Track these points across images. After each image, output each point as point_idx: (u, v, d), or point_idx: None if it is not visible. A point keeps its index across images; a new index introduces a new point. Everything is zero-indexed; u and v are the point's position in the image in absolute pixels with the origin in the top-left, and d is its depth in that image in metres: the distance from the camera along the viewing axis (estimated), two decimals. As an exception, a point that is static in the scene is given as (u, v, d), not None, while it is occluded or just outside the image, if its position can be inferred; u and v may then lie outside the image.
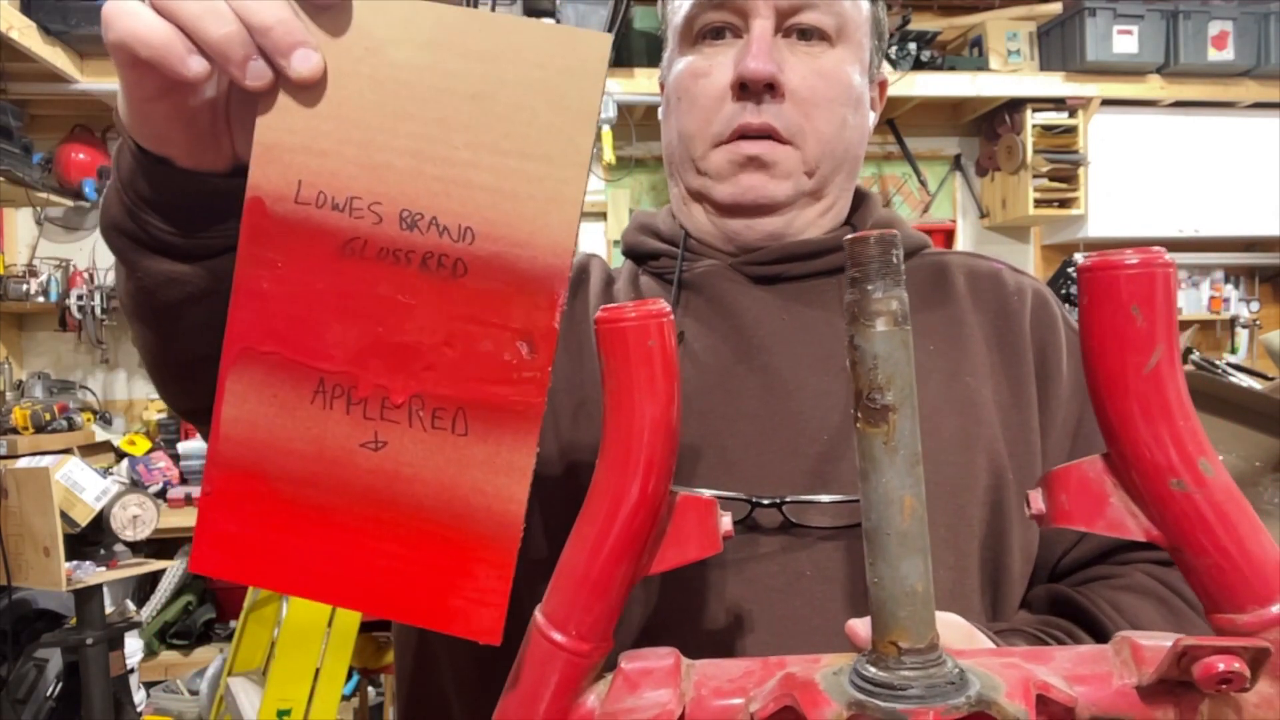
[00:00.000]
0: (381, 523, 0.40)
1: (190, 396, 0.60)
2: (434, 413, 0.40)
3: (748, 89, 0.68)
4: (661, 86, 0.80)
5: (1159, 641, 0.38)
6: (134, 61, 0.40)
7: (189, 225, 0.50)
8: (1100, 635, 0.63)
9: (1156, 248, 0.36)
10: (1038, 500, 0.40)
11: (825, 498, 0.63)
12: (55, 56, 2.72)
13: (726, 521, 0.43)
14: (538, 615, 0.43)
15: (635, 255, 0.81)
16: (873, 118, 0.79)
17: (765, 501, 0.62)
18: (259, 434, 0.41)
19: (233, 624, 2.63)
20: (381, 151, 0.40)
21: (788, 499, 0.62)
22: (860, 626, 0.44)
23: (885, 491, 0.37)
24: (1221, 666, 0.34)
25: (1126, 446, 0.37)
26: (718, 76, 0.70)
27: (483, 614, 0.39)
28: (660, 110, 0.80)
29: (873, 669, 0.37)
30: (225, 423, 0.41)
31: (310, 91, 0.40)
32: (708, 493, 0.43)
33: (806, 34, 0.70)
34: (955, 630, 0.53)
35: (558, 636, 0.41)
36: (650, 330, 0.39)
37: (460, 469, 0.40)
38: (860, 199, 0.81)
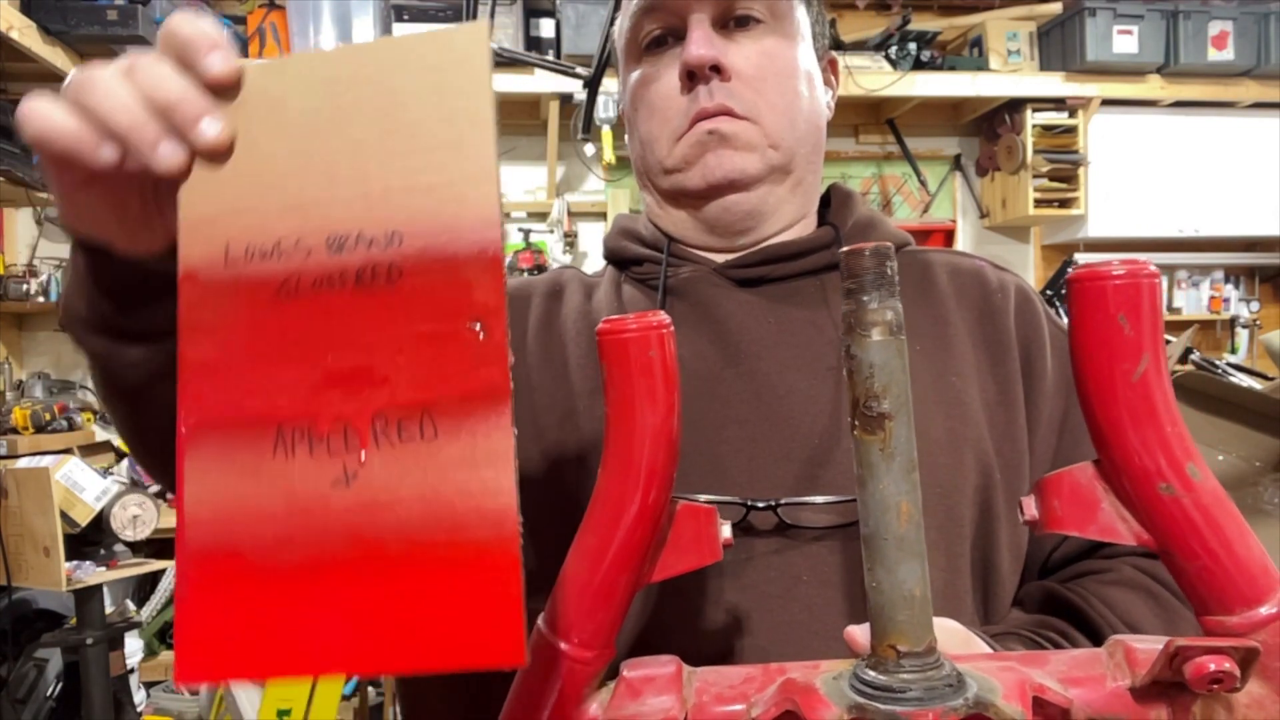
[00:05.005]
0: (370, 561, 0.37)
1: (171, 475, 0.61)
2: (399, 425, 0.38)
3: (695, 77, 0.70)
4: (622, 114, 0.82)
5: (1151, 644, 0.39)
6: (52, 156, 0.43)
7: (137, 308, 0.52)
8: (1092, 631, 0.63)
9: (1143, 258, 0.37)
10: (1031, 507, 0.41)
11: (819, 499, 0.63)
12: (55, 56, 2.72)
13: (726, 530, 0.44)
14: (540, 624, 0.43)
15: (618, 261, 0.81)
16: (830, 95, 0.80)
17: (761, 505, 0.62)
18: (225, 507, 0.39)
19: (233, 624, 2.62)
20: (299, 191, 0.41)
21: (783, 501, 0.62)
22: (858, 633, 0.45)
23: (882, 498, 0.37)
24: (1212, 667, 0.34)
25: (1116, 452, 0.38)
26: (667, 78, 0.72)
27: (501, 636, 0.36)
28: (626, 135, 0.82)
29: (872, 672, 0.37)
30: (190, 505, 0.39)
31: (223, 157, 0.42)
32: (704, 498, 0.43)
33: (743, 21, 0.72)
34: (952, 636, 0.53)
35: (561, 644, 0.41)
36: (651, 341, 0.40)
37: (440, 475, 0.37)
38: (844, 197, 0.81)
